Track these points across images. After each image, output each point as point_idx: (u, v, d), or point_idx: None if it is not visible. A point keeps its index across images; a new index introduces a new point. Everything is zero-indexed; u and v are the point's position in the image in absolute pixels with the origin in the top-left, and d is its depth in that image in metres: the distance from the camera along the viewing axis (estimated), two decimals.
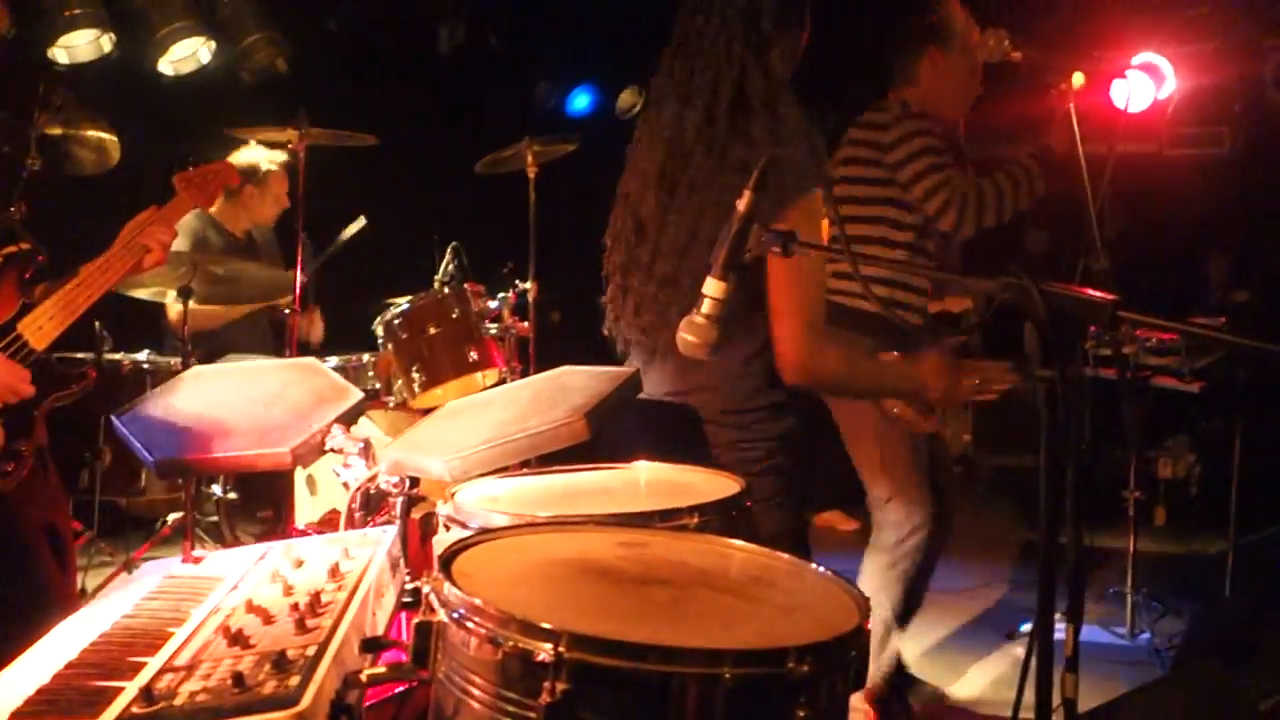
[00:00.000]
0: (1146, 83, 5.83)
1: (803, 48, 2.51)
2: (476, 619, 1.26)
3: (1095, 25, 6.11)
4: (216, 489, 4.84)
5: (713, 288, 1.78)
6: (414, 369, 4.78)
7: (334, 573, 1.77)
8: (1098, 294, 1.44)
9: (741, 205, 1.75)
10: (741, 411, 2.35)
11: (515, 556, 1.52)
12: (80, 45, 4.85)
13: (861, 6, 6.27)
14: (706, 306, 1.79)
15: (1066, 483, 1.50)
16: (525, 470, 2.21)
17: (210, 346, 4.91)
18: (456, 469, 1.99)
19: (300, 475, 4.71)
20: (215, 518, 4.95)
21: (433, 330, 4.78)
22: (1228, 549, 5.12)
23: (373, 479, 2.21)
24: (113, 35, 4.86)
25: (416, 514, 2.21)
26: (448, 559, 1.44)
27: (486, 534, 1.60)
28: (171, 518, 4.85)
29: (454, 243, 5.03)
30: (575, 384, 2.17)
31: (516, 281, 5.19)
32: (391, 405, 4.77)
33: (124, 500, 4.94)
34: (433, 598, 1.35)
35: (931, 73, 3.57)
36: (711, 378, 2.34)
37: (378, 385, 5.00)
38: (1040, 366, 1.46)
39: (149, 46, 5.03)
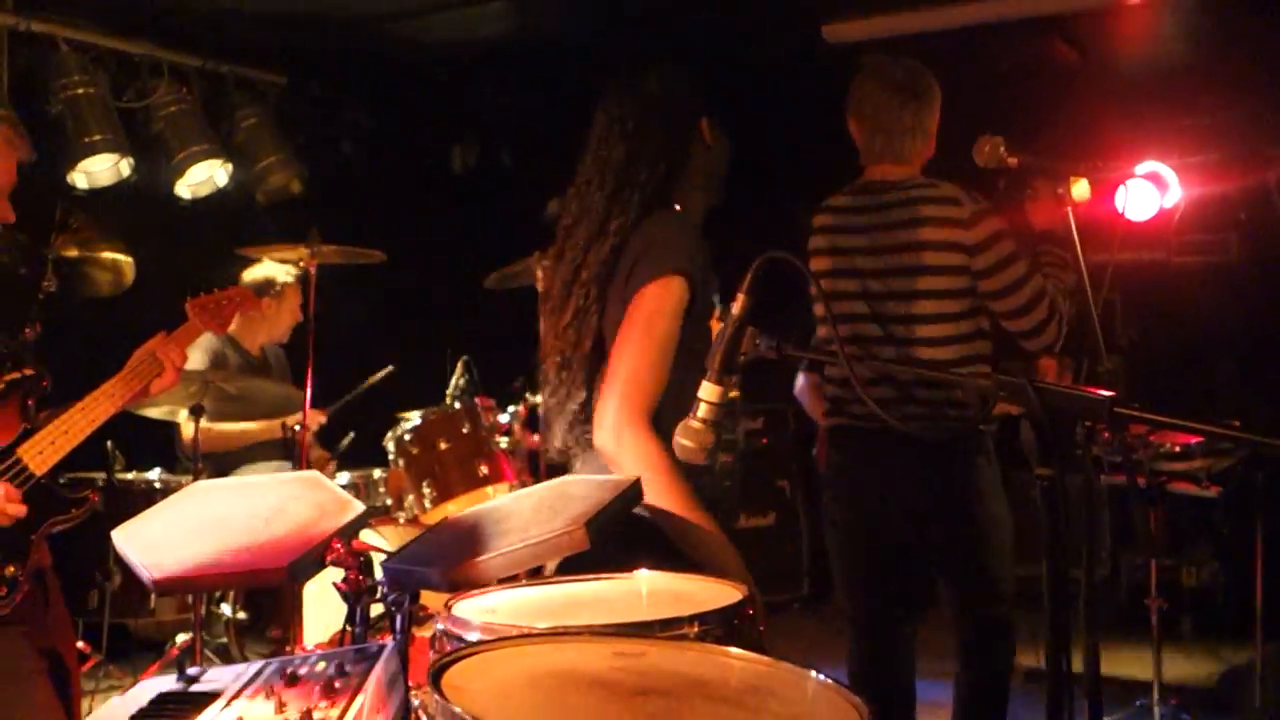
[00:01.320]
0: (1151, 191, 5.88)
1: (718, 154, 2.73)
2: None
3: (1098, 136, 6.18)
4: (226, 609, 4.80)
5: (708, 391, 1.78)
6: (425, 484, 4.77)
7: (328, 688, 1.73)
8: (1094, 391, 1.43)
9: (736, 308, 1.75)
10: None
11: (508, 668, 1.49)
12: (99, 170, 4.95)
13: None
14: (702, 410, 1.78)
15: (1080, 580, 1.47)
16: (526, 581, 2.18)
17: (222, 465, 4.91)
18: (455, 580, 1.96)
19: (310, 594, 4.67)
20: (224, 639, 4.89)
21: (443, 445, 4.79)
22: (1255, 657, 5.00)
23: (372, 592, 2.18)
24: (131, 160, 4.95)
25: (425, 632, 2.18)
26: (438, 671, 1.41)
27: (480, 645, 1.57)
28: (180, 639, 4.80)
29: (464, 357, 5.05)
30: (577, 493, 2.15)
31: (527, 395, 5.20)
32: (402, 521, 4.74)
33: (133, 622, 4.91)
34: (421, 713, 1.32)
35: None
36: None
37: (389, 501, 4.99)
38: (1039, 464, 1.45)
39: (167, 170, 5.13)
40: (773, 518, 6.86)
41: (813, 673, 1.50)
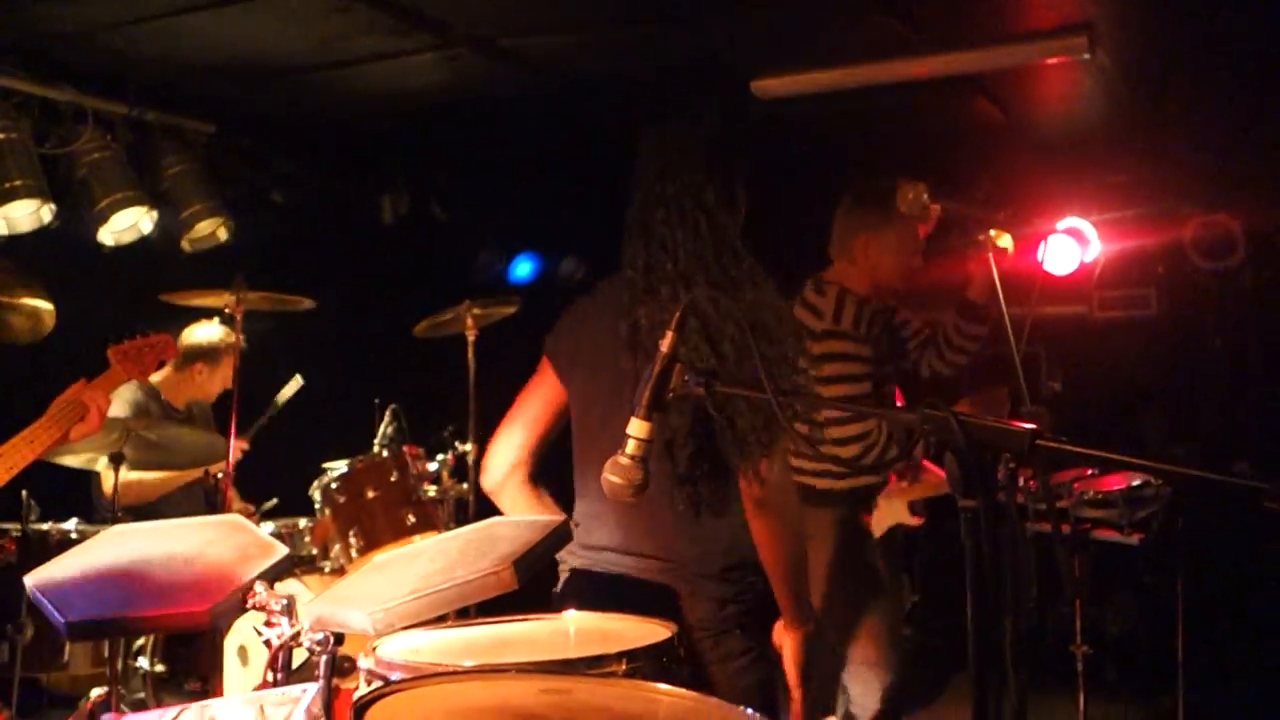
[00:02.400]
0: (1072, 246, 6.03)
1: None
2: None
3: (1021, 191, 6.32)
4: (143, 662, 4.67)
5: (636, 428, 1.78)
6: (351, 533, 4.71)
7: None
8: (1017, 424, 1.45)
9: (665, 345, 1.76)
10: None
11: (433, 705, 1.47)
12: (19, 216, 4.85)
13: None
14: (631, 447, 1.78)
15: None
16: (453, 622, 2.15)
17: (142, 516, 4.80)
18: (380, 622, 1.93)
19: (231, 646, 4.57)
20: (142, 693, 4.76)
21: (371, 494, 4.74)
22: (1177, 705, 5.06)
23: (295, 636, 2.14)
24: (53, 206, 4.87)
25: (350, 683, 2.14)
26: (361, 708, 1.39)
27: (404, 683, 1.55)
28: (95, 693, 4.65)
29: (393, 405, 5.01)
30: (504, 534, 2.14)
31: (456, 444, 5.16)
32: (328, 570, 4.68)
33: (46, 676, 4.75)
34: None
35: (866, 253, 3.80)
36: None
37: (314, 551, 4.91)
38: (963, 497, 1.46)
39: (89, 217, 5.04)
40: None
41: (743, 709, 1.50)
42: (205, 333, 5.19)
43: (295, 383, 5.19)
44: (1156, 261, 7.43)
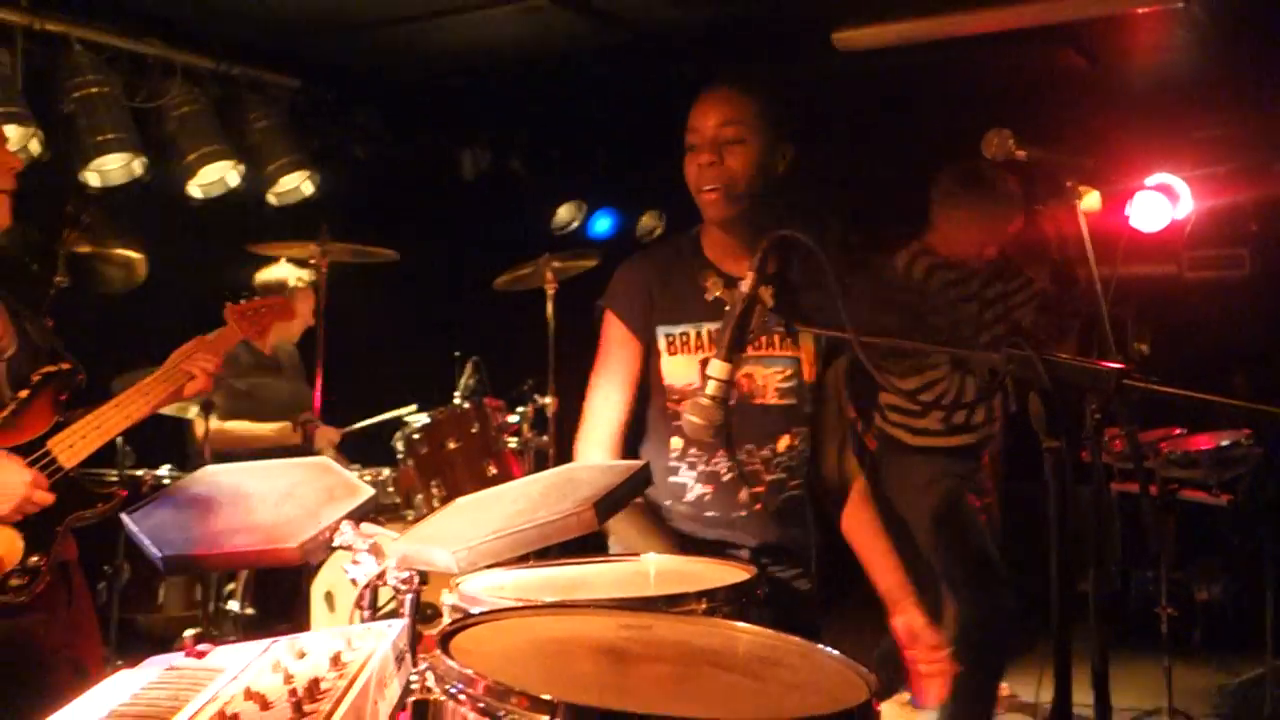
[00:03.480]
0: (1162, 203, 5.89)
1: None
2: (472, 691, 1.24)
3: (1109, 146, 6.18)
4: (234, 605, 4.80)
5: (717, 369, 1.78)
6: (433, 483, 4.78)
7: (335, 661, 1.73)
8: (1102, 363, 1.43)
9: (745, 286, 1.76)
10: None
11: (516, 636, 1.50)
12: (112, 169, 4.96)
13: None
14: (711, 388, 1.79)
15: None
16: (534, 562, 2.18)
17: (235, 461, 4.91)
18: (464, 560, 1.96)
19: (318, 591, 4.67)
20: (233, 636, 4.89)
21: (452, 445, 4.80)
22: (1264, 671, 4.98)
23: (381, 575, 2.18)
24: (144, 159, 4.97)
25: (432, 629, 2.18)
26: (447, 636, 1.42)
27: (486, 615, 1.58)
28: (188, 634, 4.79)
29: (474, 358, 5.06)
30: (584, 477, 2.16)
31: (536, 396, 5.20)
32: (411, 519, 4.75)
33: (141, 617, 4.90)
34: (429, 675, 1.32)
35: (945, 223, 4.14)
36: None
37: (398, 500, 4.99)
38: (1047, 437, 1.44)
39: (178, 170, 5.15)
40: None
41: (821, 646, 1.51)
42: (274, 272, 5.26)
43: (410, 408, 5.27)
44: (1250, 219, 7.23)
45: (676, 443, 2.43)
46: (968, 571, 4.05)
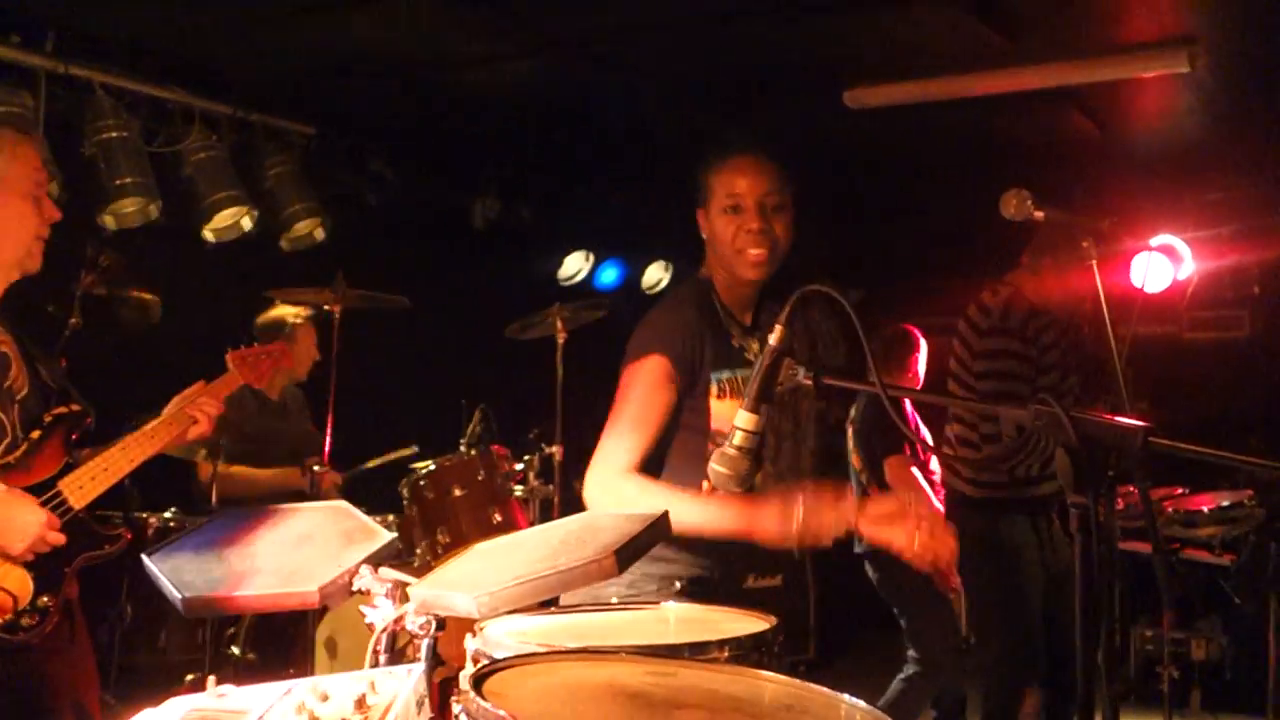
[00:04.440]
0: (1165, 264, 5.95)
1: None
2: None
3: (1114, 208, 6.25)
4: (236, 650, 4.78)
5: (744, 420, 1.81)
6: (438, 531, 4.77)
7: (360, 704, 1.75)
8: (1128, 420, 1.46)
9: (773, 339, 1.79)
10: None
11: (545, 680, 1.51)
12: (129, 212, 5.01)
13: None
14: (738, 439, 1.81)
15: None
16: (555, 609, 2.19)
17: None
18: (485, 605, 1.97)
19: (320, 637, 4.66)
20: (233, 682, 4.86)
21: (458, 492, 4.79)
22: None
23: (399, 619, 2.19)
24: (160, 203, 5.02)
25: (436, 678, 2.18)
26: (479, 678, 1.43)
27: (515, 659, 1.60)
28: (189, 679, 4.77)
29: (481, 406, 5.08)
30: (605, 525, 2.18)
31: (542, 445, 5.22)
32: (415, 566, 4.74)
33: (142, 660, 4.88)
34: (462, 716, 1.34)
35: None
36: None
37: (400, 547, 4.98)
38: (1074, 493, 1.47)
39: (194, 214, 5.20)
40: (780, 579, 6.82)
41: (846, 696, 1.52)
42: (274, 312, 5.28)
43: (410, 449, 5.28)
44: (1251, 281, 7.28)
45: (708, 485, 2.49)
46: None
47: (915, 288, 7.10)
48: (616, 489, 2.47)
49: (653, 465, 2.60)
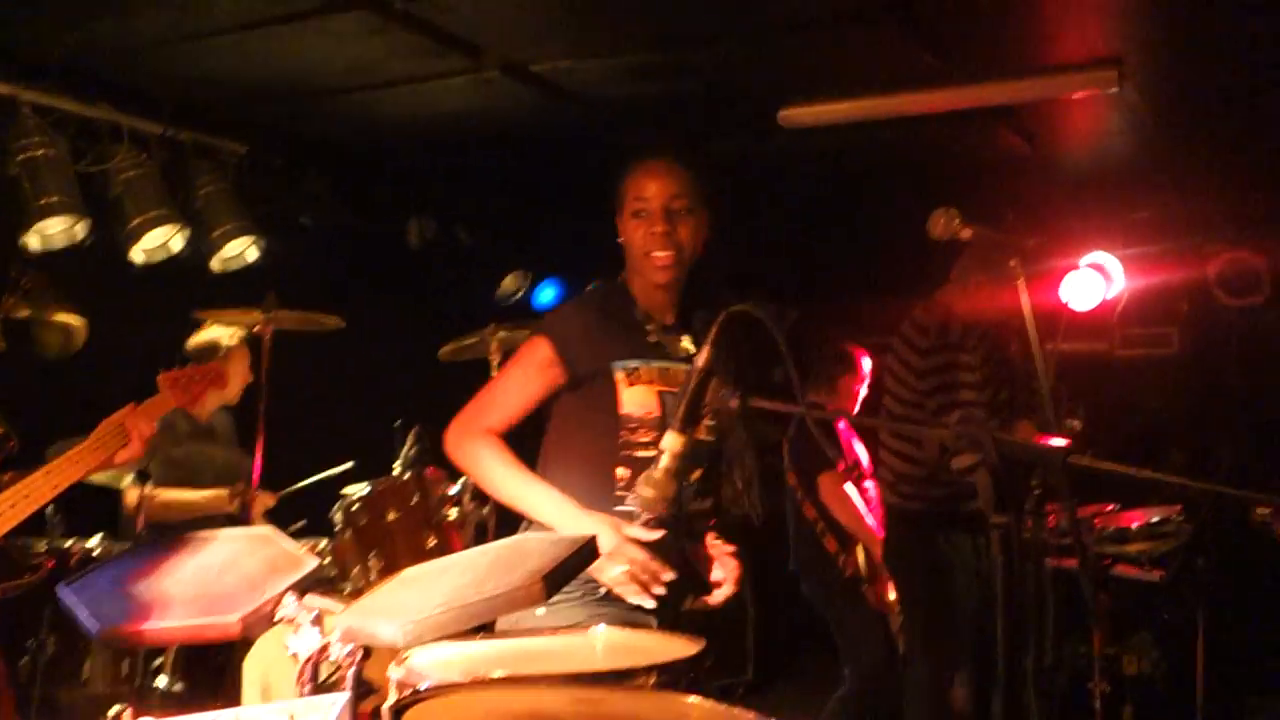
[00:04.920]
0: (1096, 281, 6.03)
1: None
2: None
3: (1045, 225, 6.33)
4: (162, 681, 4.68)
5: (671, 442, 1.79)
6: (371, 556, 4.71)
7: None
8: (1049, 440, 1.46)
9: (700, 360, 1.78)
10: None
11: (468, 709, 1.48)
12: (54, 233, 4.91)
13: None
14: (665, 461, 1.80)
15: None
16: (481, 635, 2.16)
17: (168, 532, 4.82)
18: (410, 634, 1.94)
19: (248, 666, 4.57)
20: (160, 715, 4.75)
21: (392, 516, 4.73)
22: None
23: (324, 648, 2.15)
24: (88, 223, 4.92)
25: (367, 706, 2.15)
26: (399, 710, 1.40)
27: (438, 689, 1.56)
28: (113, 711, 4.66)
29: (416, 427, 5.02)
30: (533, 549, 2.15)
31: None
32: (347, 592, 4.67)
33: (64, 694, 4.76)
34: None
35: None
36: None
37: (334, 572, 4.91)
38: (996, 514, 1.47)
39: (122, 234, 5.10)
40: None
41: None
42: (206, 334, 5.20)
43: (346, 465, 5.23)
44: (1180, 299, 7.40)
45: (623, 472, 2.59)
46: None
47: (853, 306, 7.15)
48: (472, 444, 2.71)
49: (565, 446, 2.74)
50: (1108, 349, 7.91)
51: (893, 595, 5.03)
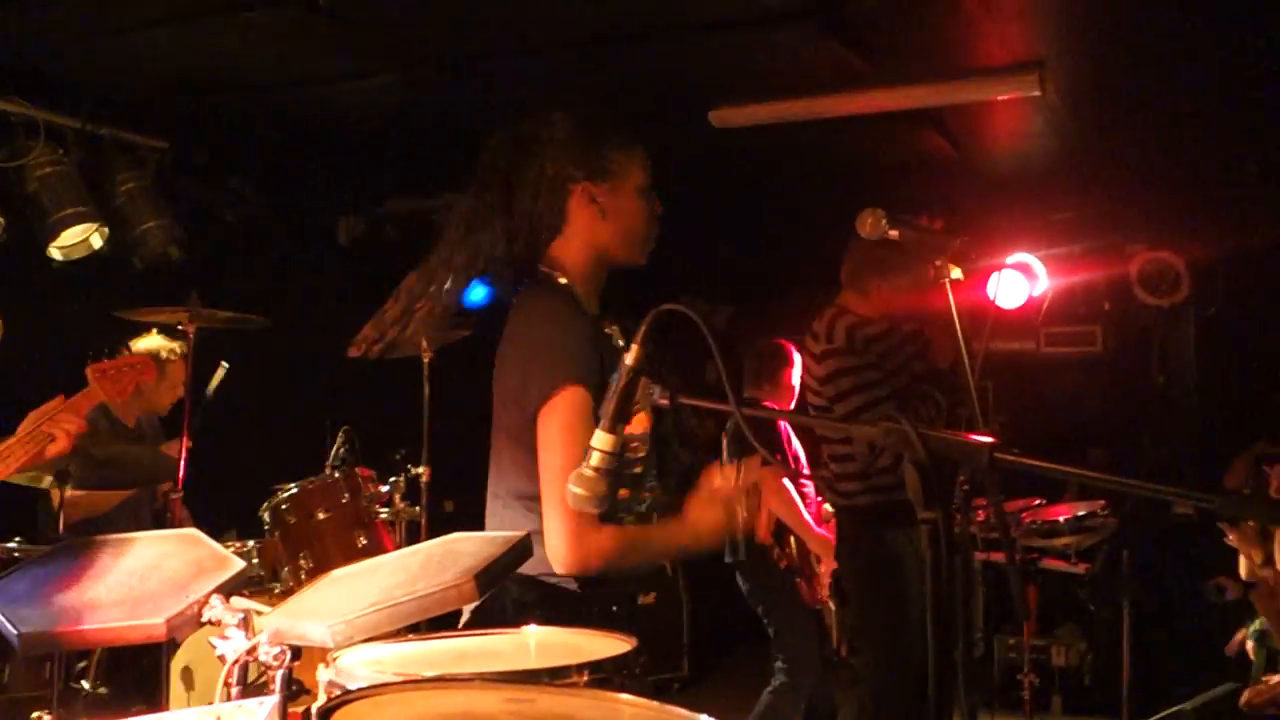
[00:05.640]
0: (1021, 281, 6.12)
1: None
2: None
3: (970, 226, 6.40)
4: (86, 684, 4.59)
5: (601, 440, 1.79)
6: (301, 555, 4.66)
7: None
8: (974, 437, 1.48)
9: (630, 358, 1.77)
10: None
11: (398, 710, 1.47)
12: None
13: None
14: (595, 459, 1.79)
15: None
16: (413, 636, 2.14)
17: (90, 532, 4.73)
18: (340, 634, 1.92)
19: (176, 668, 4.50)
20: (84, 718, 4.67)
21: (321, 515, 4.69)
22: None
23: (252, 650, 2.12)
24: (2, 221, 4.82)
25: (299, 706, 2.11)
26: (327, 711, 1.38)
27: (367, 690, 1.55)
28: (34, 716, 4.56)
29: (345, 427, 4.98)
30: (466, 549, 2.13)
31: (409, 466, 5.14)
32: (277, 592, 4.63)
33: None
34: None
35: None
36: None
37: (263, 573, 4.85)
38: (923, 509, 1.48)
39: (39, 232, 4.99)
40: (654, 597, 6.85)
41: (703, 717, 1.51)
42: (146, 343, 5.11)
43: (221, 370, 5.06)
44: (1103, 298, 7.54)
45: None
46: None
47: (784, 304, 7.20)
48: (598, 551, 2.32)
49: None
50: (1034, 348, 8.04)
51: (825, 591, 5.08)
